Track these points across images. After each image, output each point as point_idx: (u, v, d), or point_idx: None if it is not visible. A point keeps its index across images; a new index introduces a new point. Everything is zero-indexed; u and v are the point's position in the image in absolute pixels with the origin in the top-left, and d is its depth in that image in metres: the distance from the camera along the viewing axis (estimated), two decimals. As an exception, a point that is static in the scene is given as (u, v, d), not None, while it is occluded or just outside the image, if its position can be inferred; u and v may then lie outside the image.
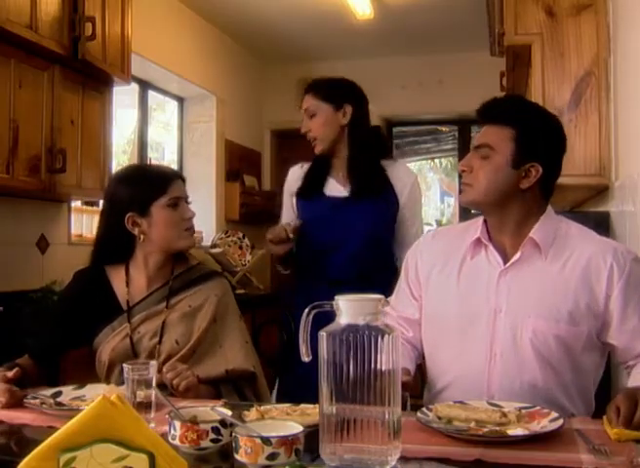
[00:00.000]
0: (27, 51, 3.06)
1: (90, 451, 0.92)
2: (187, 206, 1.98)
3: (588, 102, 2.74)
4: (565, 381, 1.65)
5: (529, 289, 1.65)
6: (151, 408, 1.45)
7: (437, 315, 1.76)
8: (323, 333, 1.16)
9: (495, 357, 1.65)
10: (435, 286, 1.78)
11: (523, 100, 1.77)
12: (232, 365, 1.86)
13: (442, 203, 8.20)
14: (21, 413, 1.53)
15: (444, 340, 1.74)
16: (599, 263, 1.63)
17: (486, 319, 1.67)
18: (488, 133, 1.68)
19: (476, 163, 1.67)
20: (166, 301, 1.93)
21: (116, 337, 1.90)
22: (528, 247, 1.67)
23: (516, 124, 1.65)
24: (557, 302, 1.62)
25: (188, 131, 5.74)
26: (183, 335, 1.89)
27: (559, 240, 1.67)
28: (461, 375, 1.69)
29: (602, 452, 1.21)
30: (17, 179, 3.02)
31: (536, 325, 1.62)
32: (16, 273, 3.48)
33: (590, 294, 1.62)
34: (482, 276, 1.70)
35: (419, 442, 1.28)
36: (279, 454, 1.15)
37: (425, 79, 6.34)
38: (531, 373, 1.63)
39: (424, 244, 1.88)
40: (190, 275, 2.00)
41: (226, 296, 2.01)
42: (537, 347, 1.62)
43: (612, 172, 2.69)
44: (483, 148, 1.66)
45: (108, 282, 1.98)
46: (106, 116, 3.73)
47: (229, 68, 5.97)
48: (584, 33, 2.76)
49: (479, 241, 1.72)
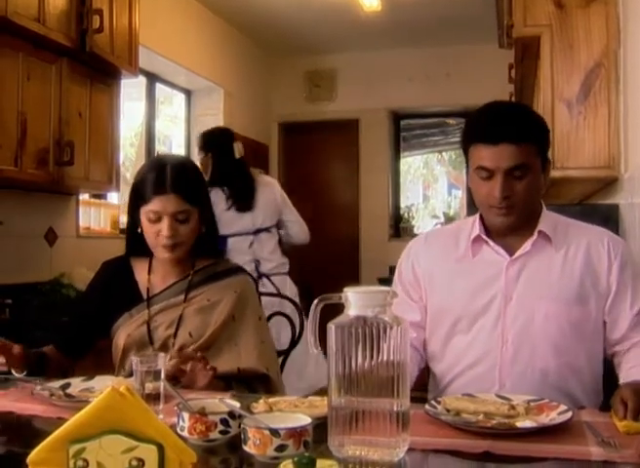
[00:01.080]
0: (35, 44, 3.06)
1: (99, 443, 0.93)
2: (171, 223, 1.84)
3: (597, 94, 2.72)
4: (577, 367, 1.68)
5: (538, 275, 1.70)
6: (160, 399, 1.45)
7: (446, 313, 1.77)
8: (332, 325, 1.16)
9: (506, 343, 1.68)
10: (440, 285, 1.79)
11: (530, 112, 1.76)
12: (245, 364, 1.85)
13: (449, 195, 8.18)
14: (31, 405, 1.53)
15: (454, 333, 1.75)
16: (598, 245, 1.71)
17: (497, 307, 1.70)
18: (517, 152, 1.63)
19: (516, 185, 1.65)
20: (185, 294, 1.93)
21: (132, 324, 1.92)
22: (539, 239, 1.71)
23: (538, 138, 1.68)
24: (566, 284, 1.68)
25: (196, 123, 5.73)
26: (198, 329, 1.89)
27: (559, 230, 1.74)
28: (473, 364, 1.71)
29: (611, 445, 1.20)
30: (25, 172, 3.03)
31: (547, 308, 1.67)
32: (24, 266, 3.50)
33: (594, 274, 1.69)
34: (488, 270, 1.73)
35: (427, 434, 1.28)
36: (287, 446, 1.15)
37: (433, 72, 6.32)
38: (542, 360, 1.66)
39: (418, 247, 1.87)
40: (213, 269, 1.99)
41: (247, 294, 1.98)
42: (548, 331, 1.66)
43: (621, 164, 2.67)
44: (519, 170, 1.64)
45: (132, 272, 2.00)
46: (114, 109, 3.74)
47: (237, 61, 5.97)
48: (594, 25, 2.74)
49: (479, 238, 1.75)
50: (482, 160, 1.65)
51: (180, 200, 1.83)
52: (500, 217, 1.68)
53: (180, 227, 1.86)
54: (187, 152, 5.71)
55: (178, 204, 1.83)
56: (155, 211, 1.83)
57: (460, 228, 1.82)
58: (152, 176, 1.86)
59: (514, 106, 1.83)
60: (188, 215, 1.86)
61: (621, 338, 1.69)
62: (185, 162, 2.00)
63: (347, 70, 6.58)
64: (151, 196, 1.83)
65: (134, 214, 1.91)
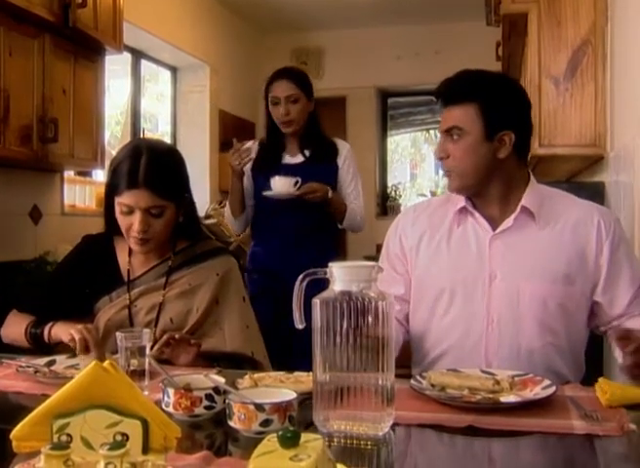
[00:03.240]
0: (17, 18, 3.02)
1: (83, 417, 0.92)
2: (142, 217, 1.77)
3: (585, 72, 2.72)
4: (561, 344, 1.68)
5: (523, 253, 1.68)
6: (145, 375, 1.45)
7: (429, 285, 1.75)
8: (317, 301, 1.16)
9: (492, 323, 1.67)
10: (424, 257, 1.77)
11: (478, 73, 1.73)
12: (230, 348, 1.83)
13: (436, 174, 8.16)
14: (15, 382, 1.53)
15: (438, 309, 1.74)
16: (587, 223, 1.68)
17: (481, 286, 1.69)
18: (453, 114, 1.67)
19: (450, 147, 1.68)
20: (165, 278, 1.89)
21: (112, 309, 1.88)
22: (521, 215, 1.69)
23: (477, 98, 1.65)
24: (552, 264, 1.66)
25: (182, 101, 5.69)
26: (179, 314, 1.85)
27: (546, 205, 1.71)
28: (458, 343, 1.70)
29: (594, 418, 1.21)
30: (8, 149, 3.00)
31: (533, 287, 1.65)
32: (9, 244, 3.47)
33: (582, 254, 1.66)
34: (471, 243, 1.72)
35: (412, 409, 1.29)
36: (273, 421, 1.15)
37: (421, 49, 6.29)
38: (528, 338, 1.66)
39: (405, 219, 1.86)
40: (194, 251, 1.94)
41: (229, 275, 1.92)
42: (534, 310, 1.65)
43: (607, 142, 2.68)
44: (453, 131, 1.66)
45: (114, 251, 1.95)
46: (99, 85, 3.70)
47: (223, 37, 5.91)
48: (582, 1, 2.72)
49: (464, 209, 1.74)
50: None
51: (153, 195, 1.75)
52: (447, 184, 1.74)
53: (153, 221, 1.79)
54: (173, 129, 5.68)
55: (150, 199, 1.75)
56: (127, 204, 1.76)
57: (450, 199, 1.79)
58: (126, 168, 1.77)
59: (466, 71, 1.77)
60: (162, 210, 1.79)
61: (621, 314, 1.68)
62: (163, 152, 1.87)
63: (335, 48, 6.53)
64: (123, 189, 1.76)
65: (110, 198, 1.85)
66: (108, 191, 1.85)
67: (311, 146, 2.97)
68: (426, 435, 1.23)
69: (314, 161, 2.95)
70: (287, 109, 2.89)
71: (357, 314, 1.13)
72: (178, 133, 5.69)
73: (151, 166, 1.77)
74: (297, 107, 2.91)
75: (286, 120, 2.91)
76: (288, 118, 2.90)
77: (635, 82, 2.22)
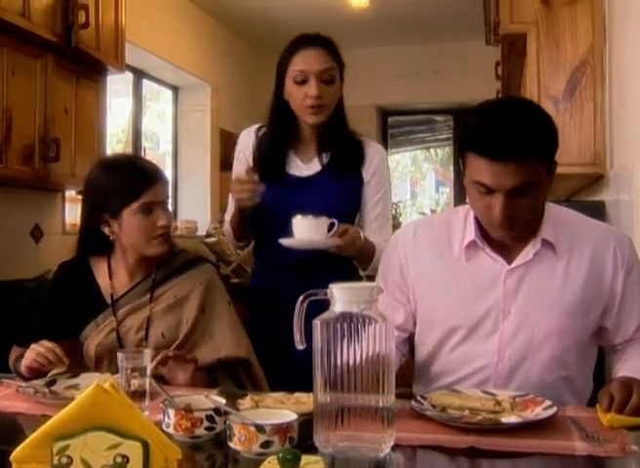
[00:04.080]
0: (20, 39, 3.03)
1: (84, 439, 0.92)
2: (164, 211, 1.85)
3: (583, 92, 2.73)
4: (572, 376, 1.61)
5: (540, 287, 1.57)
6: (146, 396, 1.45)
7: (437, 323, 1.65)
8: (317, 321, 1.16)
9: (502, 360, 1.58)
10: (430, 291, 1.65)
11: (537, 117, 1.48)
12: (224, 353, 1.84)
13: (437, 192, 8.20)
14: (15, 402, 1.52)
15: (446, 346, 1.64)
16: (603, 251, 1.58)
17: (493, 322, 1.58)
18: (522, 171, 1.41)
19: (519, 203, 1.45)
20: (150, 294, 1.90)
21: (101, 333, 1.88)
22: (541, 248, 1.57)
23: (547, 152, 1.48)
24: (569, 297, 1.56)
25: (183, 120, 5.71)
26: (169, 328, 1.86)
27: (562, 232, 1.59)
28: (465, 378, 1.62)
29: (595, 439, 1.21)
30: (10, 168, 3.01)
31: (549, 323, 1.56)
32: (10, 263, 3.47)
33: (598, 282, 1.58)
34: (483, 278, 1.59)
35: (413, 430, 1.28)
36: (273, 442, 1.15)
37: (421, 68, 6.32)
38: (539, 375, 1.58)
39: (404, 242, 1.71)
40: (174, 264, 1.94)
41: (213, 283, 1.94)
42: (549, 347, 1.57)
43: (606, 161, 2.69)
44: (524, 188, 1.43)
45: (92, 274, 1.95)
46: (100, 104, 3.72)
47: (224, 57, 5.95)
48: (580, 22, 2.75)
49: (474, 243, 1.60)
50: (481, 175, 1.44)
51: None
52: (500, 232, 1.52)
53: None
54: (174, 148, 5.69)
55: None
56: (149, 202, 1.81)
57: (452, 223, 1.65)
58: (134, 173, 1.84)
59: (520, 112, 1.48)
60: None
61: (627, 340, 1.62)
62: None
63: (335, 67, 6.56)
64: (139, 191, 1.80)
65: (90, 215, 1.88)
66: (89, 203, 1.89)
67: (333, 147, 2.14)
68: (427, 456, 1.23)
69: (336, 172, 2.12)
70: (320, 90, 2.05)
71: (358, 335, 1.13)
72: (179, 151, 5.70)
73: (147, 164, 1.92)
74: (331, 90, 2.09)
75: (317, 104, 2.06)
76: (319, 102, 2.06)
77: (634, 101, 2.23)
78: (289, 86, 2.10)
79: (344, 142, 2.15)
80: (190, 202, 5.56)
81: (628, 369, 1.53)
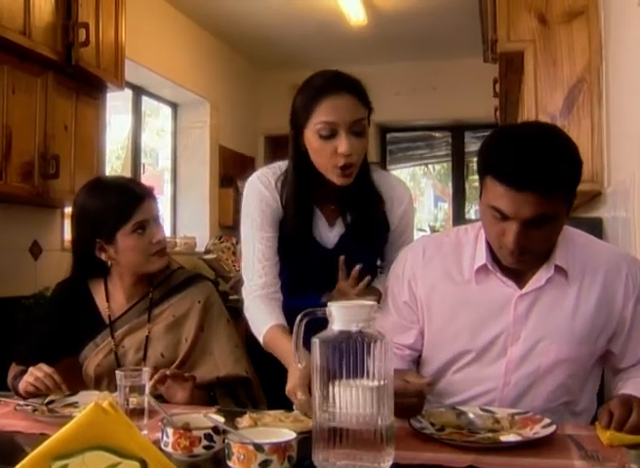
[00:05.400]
0: (21, 57, 3.06)
1: (82, 459, 0.92)
2: (157, 226, 1.86)
3: (581, 109, 2.75)
4: (575, 400, 1.60)
5: (550, 314, 1.55)
6: (144, 414, 1.44)
7: (445, 346, 1.63)
8: (316, 340, 1.16)
9: (508, 385, 1.57)
10: (439, 313, 1.63)
11: (563, 148, 1.45)
12: (223, 371, 1.84)
13: (435, 208, 8.21)
14: (14, 420, 1.52)
15: (451, 368, 1.63)
16: (615, 278, 1.56)
17: (501, 347, 1.57)
18: (542, 202, 1.38)
19: (535, 233, 1.43)
20: (148, 314, 1.90)
21: (99, 354, 1.88)
22: (554, 275, 1.54)
23: (570, 185, 1.45)
24: (579, 324, 1.54)
25: (182, 136, 5.74)
26: (169, 348, 1.86)
27: (573, 256, 1.56)
28: (470, 399, 1.60)
29: (594, 458, 1.21)
30: (10, 185, 3.02)
31: (558, 350, 1.54)
32: (8, 279, 3.47)
33: (609, 308, 1.55)
34: (493, 302, 1.56)
35: (411, 448, 1.28)
36: (272, 461, 1.14)
37: (419, 85, 6.36)
38: (544, 401, 1.57)
39: (414, 262, 1.67)
40: (171, 282, 1.95)
41: (211, 300, 1.94)
42: (556, 374, 1.56)
43: (604, 178, 2.70)
44: (542, 219, 1.41)
45: (91, 296, 1.95)
46: (100, 122, 3.74)
47: (223, 74, 5.98)
48: (577, 40, 2.77)
49: (484, 267, 1.57)
50: (499, 202, 1.41)
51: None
52: (509, 259, 1.49)
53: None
54: (174, 164, 5.71)
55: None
56: (141, 221, 1.82)
57: (462, 243, 1.63)
58: (119, 195, 1.84)
59: (548, 142, 1.43)
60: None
61: (632, 365, 1.60)
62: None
63: (334, 84, 6.59)
64: (130, 212, 1.81)
65: (83, 242, 1.87)
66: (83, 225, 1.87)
67: (357, 207, 1.88)
68: (426, 475, 1.22)
69: (363, 233, 1.88)
70: (351, 146, 1.75)
71: (356, 353, 1.13)
72: (178, 167, 5.72)
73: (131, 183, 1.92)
74: (362, 144, 1.80)
75: (348, 163, 1.76)
76: (350, 160, 1.76)
77: (631, 118, 2.24)
78: (311, 139, 1.79)
79: (370, 202, 1.89)
80: (189, 218, 5.57)
81: (629, 387, 1.53)
